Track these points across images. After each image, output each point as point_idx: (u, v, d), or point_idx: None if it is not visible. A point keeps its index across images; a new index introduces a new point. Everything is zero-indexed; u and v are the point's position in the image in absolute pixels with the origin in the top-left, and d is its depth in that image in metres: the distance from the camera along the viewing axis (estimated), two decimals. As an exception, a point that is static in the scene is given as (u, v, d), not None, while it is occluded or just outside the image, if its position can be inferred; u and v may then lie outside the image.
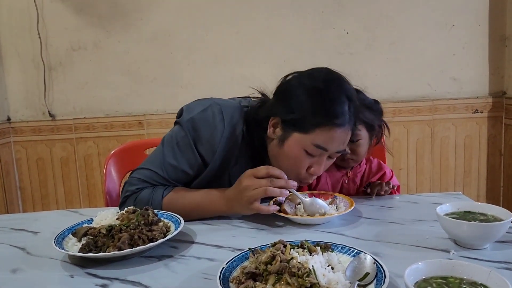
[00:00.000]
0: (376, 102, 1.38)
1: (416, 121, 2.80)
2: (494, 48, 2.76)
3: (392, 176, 1.43)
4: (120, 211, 1.14)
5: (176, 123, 1.27)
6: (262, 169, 1.09)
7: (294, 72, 1.23)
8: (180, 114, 1.27)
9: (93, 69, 2.74)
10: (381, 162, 1.47)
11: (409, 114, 2.78)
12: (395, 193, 1.40)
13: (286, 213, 1.14)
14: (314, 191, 1.30)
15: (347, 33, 2.73)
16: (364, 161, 1.44)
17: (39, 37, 2.68)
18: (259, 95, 1.30)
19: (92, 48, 2.72)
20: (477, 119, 2.83)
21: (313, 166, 1.15)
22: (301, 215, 1.14)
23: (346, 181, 1.42)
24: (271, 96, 1.25)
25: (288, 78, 1.21)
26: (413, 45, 2.74)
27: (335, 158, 1.22)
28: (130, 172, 1.28)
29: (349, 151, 1.34)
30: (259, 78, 2.74)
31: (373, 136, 1.36)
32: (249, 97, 1.34)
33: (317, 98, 1.11)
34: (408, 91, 2.79)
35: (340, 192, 1.39)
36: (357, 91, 1.40)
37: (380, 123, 1.37)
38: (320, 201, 1.16)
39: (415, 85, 2.79)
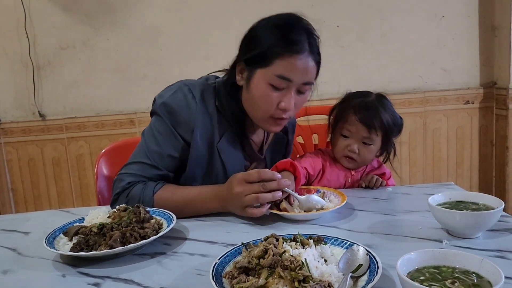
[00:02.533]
0: (401, 118, 1.41)
1: (408, 113, 2.81)
2: (484, 38, 2.77)
3: (390, 177, 1.44)
4: (112, 209, 1.13)
5: (151, 114, 1.29)
6: (253, 174, 1.08)
7: None
8: (153, 104, 1.29)
9: (83, 67, 2.72)
10: (380, 161, 1.48)
11: (401, 106, 2.79)
12: (388, 185, 1.40)
13: (284, 211, 1.13)
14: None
15: (338, 26, 2.73)
16: None
17: (27, 37, 2.65)
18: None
19: (81, 46, 2.69)
20: (468, 110, 2.84)
21: (283, 101, 1.16)
22: (299, 212, 1.13)
23: (350, 180, 1.42)
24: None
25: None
26: (403, 37, 2.75)
27: (307, 95, 1.21)
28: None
29: (357, 151, 1.35)
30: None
31: (383, 148, 1.39)
32: (216, 73, 1.35)
33: (275, 31, 1.15)
34: (400, 83, 2.80)
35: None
36: (387, 100, 1.40)
37: (395, 138, 1.40)
38: (315, 197, 1.15)
39: (406, 77, 2.80)
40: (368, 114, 1.34)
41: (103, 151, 1.67)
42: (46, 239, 0.97)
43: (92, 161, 2.75)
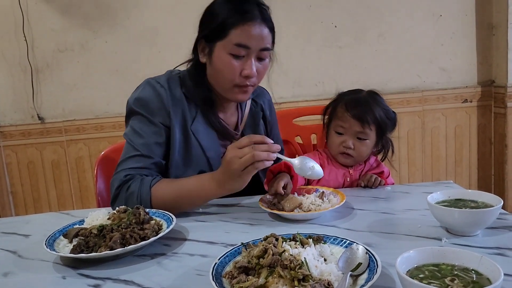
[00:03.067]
0: (394, 112, 1.42)
1: (406, 112, 2.82)
2: (481, 37, 2.78)
3: (388, 175, 1.44)
4: (113, 208, 1.14)
5: (127, 117, 1.34)
6: (243, 139, 1.10)
7: None
8: (127, 106, 1.34)
9: (81, 70, 2.72)
10: (378, 160, 1.49)
11: (399, 105, 2.79)
12: (387, 184, 1.41)
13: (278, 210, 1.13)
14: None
15: (335, 26, 2.74)
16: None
17: (25, 40, 2.65)
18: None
19: (79, 49, 2.70)
20: (466, 108, 2.85)
21: (245, 68, 1.22)
22: (298, 212, 1.13)
23: (348, 179, 1.42)
24: None
25: None
26: (401, 36, 2.76)
27: (268, 62, 1.29)
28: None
29: (352, 146, 1.36)
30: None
31: (379, 144, 1.40)
32: (181, 66, 1.41)
33: (228, 4, 1.22)
34: (398, 82, 2.81)
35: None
36: (379, 96, 1.42)
37: (390, 134, 1.41)
38: (309, 160, 1.13)
39: (405, 76, 2.80)
40: (360, 109, 1.36)
41: (103, 153, 1.67)
42: (46, 241, 0.97)
43: (91, 163, 2.76)
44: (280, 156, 1.11)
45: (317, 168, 1.12)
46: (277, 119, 1.86)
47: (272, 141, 1.09)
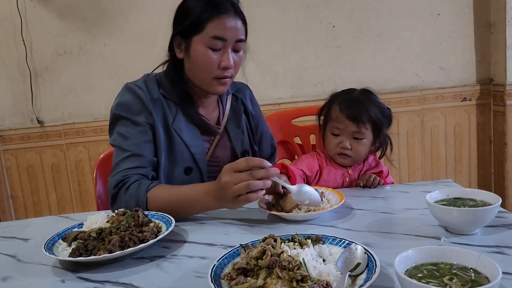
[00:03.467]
0: (388, 109, 1.42)
1: (406, 111, 2.82)
2: (479, 35, 2.78)
3: (388, 174, 1.44)
4: (113, 210, 1.15)
5: (110, 125, 1.36)
6: (241, 163, 1.06)
7: None
8: (110, 114, 1.38)
9: (80, 73, 2.72)
10: (377, 159, 1.49)
11: (398, 105, 2.79)
12: (386, 184, 1.41)
13: (277, 211, 1.13)
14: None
15: (333, 26, 2.74)
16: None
17: (24, 43, 2.66)
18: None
19: (77, 52, 2.70)
20: (465, 107, 2.85)
21: (222, 60, 1.26)
22: (297, 213, 1.12)
23: (347, 179, 1.42)
24: None
25: None
26: (399, 35, 2.76)
27: (242, 53, 1.32)
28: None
29: (349, 147, 1.36)
30: (246, 76, 2.75)
31: (377, 142, 1.40)
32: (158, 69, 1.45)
33: (201, 0, 1.25)
34: (397, 82, 2.81)
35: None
36: (373, 94, 1.42)
37: (387, 130, 1.41)
38: (308, 187, 1.12)
39: (403, 75, 2.80)
40: (354, 109, 1.36)
41: (102, 156, 1.67)
42: (45, 245, 0.97)
43: (91, 167, 2.76)
44: (277, 180, 1.09)
45: (315, 197, 1.11)
46: (276, 120, 1.86)
47: (270, 164, 1.07)
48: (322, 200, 1.17)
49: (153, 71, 1.44)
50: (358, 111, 1.35)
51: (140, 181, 1.21)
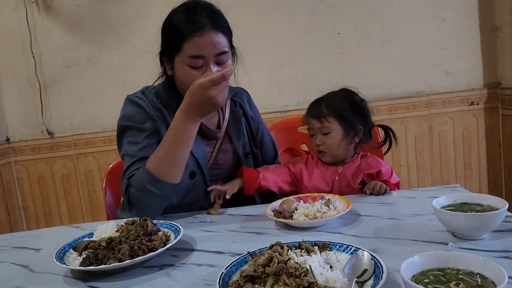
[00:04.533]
0: (362, 100, 1.45)
1: (413, 116, 2.81)
2: (485, 39, 2.78)
3: (391, 174, 1.44)
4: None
5: (119, 137, 1.39)
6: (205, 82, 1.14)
7: None
8: (117, 129, 1.41)
9: (88, 84, 2.76)
10: (377, 159, 1.48)
11: (405, 110, 2.79)
12: (393, 189, 1.40)
13: (284, 218, 1.14)
14: (302, 195, 1.30)
15: (338, 33, 2.75)
16: (358, 157, 1.46)
17: (33, 56, 2.70)
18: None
19: (85, 64, 2.74)
20: (473, 111, 2.83)
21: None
22: (304, 220, 1.13)
23: (337, 178, 1.43)
24: None
25: None
26: (404, 41, 2.76)
27: (229, 63, 1.32)
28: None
29: (320, 143, 1.41)
30: (253, 83, 2.76)
31: (352, 133, 1.41)
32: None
33: (177, 18, 1.28)
34: (403, 87, 2.81)
35: (332, 188, 1.42)
36: (346, 90, 1.44)
37: (364, 123, 1.42)
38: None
39: (409, 81, 2.80)
40: (313, 108, 1.44)
41: (111, 166, 1.70)
42: (56, 254, 0.98)
43: (101, 176, 2.78)
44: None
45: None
46: (283, 127, 1.88)
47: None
48: (329, 207, 1.18)
49: (153, 83, 1.46)
50: (316, 107, 1.43)
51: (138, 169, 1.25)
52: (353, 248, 0.87)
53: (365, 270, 0.77)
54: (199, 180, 1.38)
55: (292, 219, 1.14)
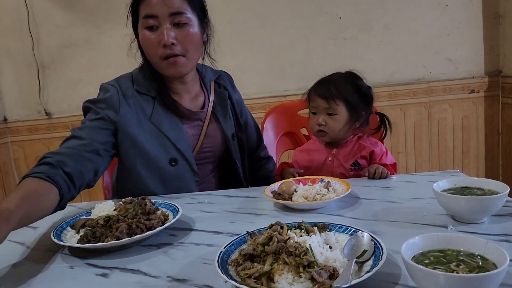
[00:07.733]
0: (369, 87, 1.46)
1: (413, 103, 2.80)
2: (488, 26, 2.75)
3: (386, 154, 1.44)
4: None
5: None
6: None
7: None
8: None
9: (86, 65, 2.73)
10: (372, 140, 1.48)
11: (405, 97, 2.78)
12: (392, 174, 1.40)
13: (284, 200, 1.14)
14: (301, 177, 1.30)
15: (340, 18, 2.72)
16: (354, 138, 1.47)
17: (31, 36, 2.67)
18: None
19: (84, 44, 2.71)
20: (473, 99, 2.82)
21: (159, 38, 1.25)
22: (303, 202, 1.13)
23: (330, 159, 1.45)
24: None
25: None
26: (406, 27, 2.73)
27: (190, 28, 1.28)
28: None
29: (324, 123, 1.41)
30: (253, 67, 2.74)
31: (355, 118, 1.43)
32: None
33: None
34: (404, 73, 2.79)
35: (324, 169, 1.44)
36: (353, 74, 1.44)
37: (367, 109, 1.44)
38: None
39: (410, 67, 2.78)
40: (323, 87, 1.44)
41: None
42: (53, 232, 0.98)
43: (98, 158, 2.77)
44: None
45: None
46: (282, 111, 1.87)
47: None
48: (328, 189, 1.17)
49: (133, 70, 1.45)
50: (327, 87, 1.43)
51: (45, 165, 1.14)
52: (353, 229, 0.87)
53: (365, 251, 0.77)
54: (183, 166, 1.35)
55: (291, 201, 1.13)
